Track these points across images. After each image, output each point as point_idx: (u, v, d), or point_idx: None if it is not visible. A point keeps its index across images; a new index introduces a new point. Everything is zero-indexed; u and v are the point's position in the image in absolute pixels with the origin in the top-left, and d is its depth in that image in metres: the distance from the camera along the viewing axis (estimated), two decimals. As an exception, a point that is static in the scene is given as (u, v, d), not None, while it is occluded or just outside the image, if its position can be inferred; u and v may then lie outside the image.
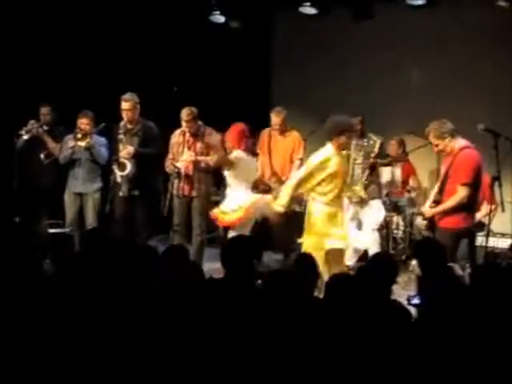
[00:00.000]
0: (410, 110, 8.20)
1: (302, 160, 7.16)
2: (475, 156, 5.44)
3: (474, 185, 5.38)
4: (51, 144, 7.12)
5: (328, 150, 5.68)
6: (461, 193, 5.35)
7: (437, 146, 5.51)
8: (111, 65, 7.88)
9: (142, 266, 3.83)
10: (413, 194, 7.69)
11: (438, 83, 8.18)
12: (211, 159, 6.55)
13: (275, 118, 7.21)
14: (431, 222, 5.62)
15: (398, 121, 8.10)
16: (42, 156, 7.10)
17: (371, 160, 6.76)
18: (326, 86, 8.74)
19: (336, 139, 5.66)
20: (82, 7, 7.61)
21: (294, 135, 7.28)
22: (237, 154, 6.23)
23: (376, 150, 6.83)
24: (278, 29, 9.34)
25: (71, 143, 6.82)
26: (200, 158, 6.52)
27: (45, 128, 7.17)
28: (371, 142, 6.89)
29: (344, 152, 5.91)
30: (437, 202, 5.56)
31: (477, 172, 5.39)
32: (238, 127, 6.36)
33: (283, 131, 7.25)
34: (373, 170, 6.91)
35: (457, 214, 5.41)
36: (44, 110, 7.23)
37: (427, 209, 5.63)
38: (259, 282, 3.73)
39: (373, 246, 6.82)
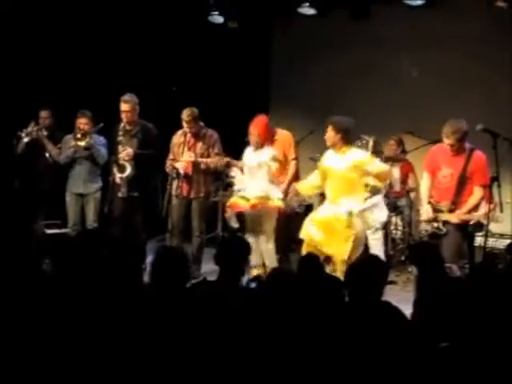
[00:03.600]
0: (408, 110, 8.20)
1: (296, 159, 7.11)
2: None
3: None
4: (50, 148, 7.12)
5: None
6: (479, 193, 5.48)
7: (453, 145, 5.50)
8: (110, 65, 7.87)
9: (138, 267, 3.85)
10: (412, 195, 7.69)
11: (437, 83, 8.18)
12: (211, 161, 6.56)
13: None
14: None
15: (397, 121, 8.10)
16: (47, 155, 7.11)
17: None
18: (325, 87, 8.75)
19: None
20: (82, 9, 7.61)
21: (283, 137, 7.01)
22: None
23: (370, 148, 6.83)
24: (276, 29, 9.34)
25: (71, 143, 6.83)
26: (200, 159, 6.53)
27: (44, 132, 7.17)
28: (364, 141, 6.89)
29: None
30: (455, 204, 5.57)
31: None
32: (263, 119, 6.39)
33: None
34: None
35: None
36: (43, 114, 7.22)
37: (455, 214, 5.59)
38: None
39: (376, 246, 6.82)
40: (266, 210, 6.32)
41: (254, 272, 6.38)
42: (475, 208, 5.52)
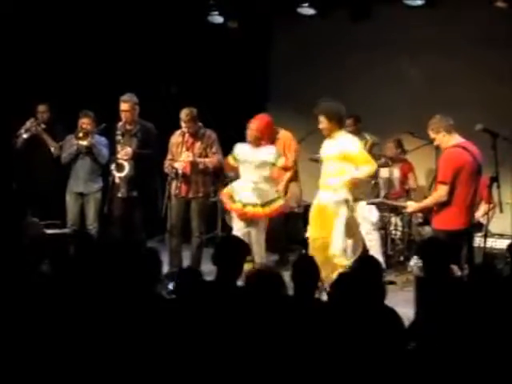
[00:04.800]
0: (408, 110, 8.19)
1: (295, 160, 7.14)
2: (458, 154, 5.37)
3: (454, 184, 5.30)
4: (51, 142, 7.14)
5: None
6: (438, 191, 5.36)
7: (433, 139, 5.53)
8: (110, 65, 7.87)
9: (140, 267, 3.85)
10: (411, 195, 7.68)
11: (437, 84, 8.17)
12: (210, 161, 6.56)
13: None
14: (426, 220, 5.64)
15: (397, 121, 8.09)
16: (52, 149, 7.11)
17: None
18: (324, 87, 8.71)
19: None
20: (82, 8, 7.61)
21: (284, 136, 7.15)
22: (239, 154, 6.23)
23: (366, 149, 6.80)
24: (276, 29, 9.32)
25: (73, 142, 6.85)
26: (198, 159, 6.53)
27: (43, 126, 7.17)
28: (363, 141, 6.88)
29: None
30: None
31: (456, 171, 5.30)
32: (266, 118, 6.35)
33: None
34: None
35: (447, 215, 5.36)
36: (41, 108, 7.23)
37: (411, 203, 5.66)
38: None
39: (373, 247, 6.82)
40: (256, 218, 6.30)
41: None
42: (448, 208, 5.36)
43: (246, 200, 6.25)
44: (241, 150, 6.36)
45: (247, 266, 6.15)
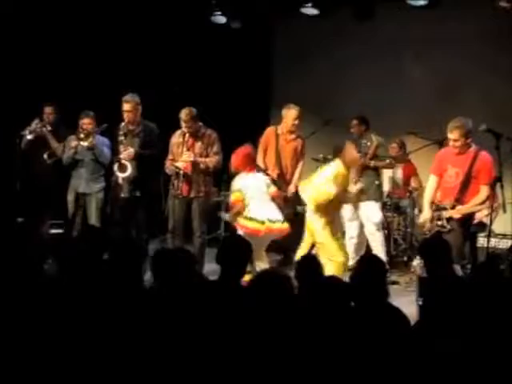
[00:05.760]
0: (410, 110, 8.19)
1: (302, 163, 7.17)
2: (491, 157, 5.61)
3: None
4: (54, 144, 7.16)
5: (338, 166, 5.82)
6: (485, 192, 5.53)
7: (456, 141, 5.54)
8: (113, 65, 7.89)
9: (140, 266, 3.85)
10: (414, 195, 7.68)
11: (439, 84, 8.17)
12: (211, 161, 6.55)
13: (298, 113, 7.00)
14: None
15: (399, 121, 8.09)
16: (45, 155, 7.14)
17: (362, 161, 6.70)
18: (327, 87, 8.74)
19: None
20: (84, 8, 7.62)
21: (301, 136, 7.20)
22: (239, 185, 6.18)
23: (370, 151, 6.78)
24: (279, 29, 9.34)
25: (74, 143, 6.85)
26: (199, 159, 6.52)
27: (48, 128, 7.19)
28: (369, 143, 6.85)
29: None
30: (458, 201, 5.61)
31: None
32: (244, 151, 6.31)
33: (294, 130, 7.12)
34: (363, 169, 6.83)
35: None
36: (48, 110, 7.25)
37: (459, 207, 5.63)
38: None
39: (376, 247, 6.81)
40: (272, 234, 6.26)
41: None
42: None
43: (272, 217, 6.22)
44: (237, 182, 6.26)
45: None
